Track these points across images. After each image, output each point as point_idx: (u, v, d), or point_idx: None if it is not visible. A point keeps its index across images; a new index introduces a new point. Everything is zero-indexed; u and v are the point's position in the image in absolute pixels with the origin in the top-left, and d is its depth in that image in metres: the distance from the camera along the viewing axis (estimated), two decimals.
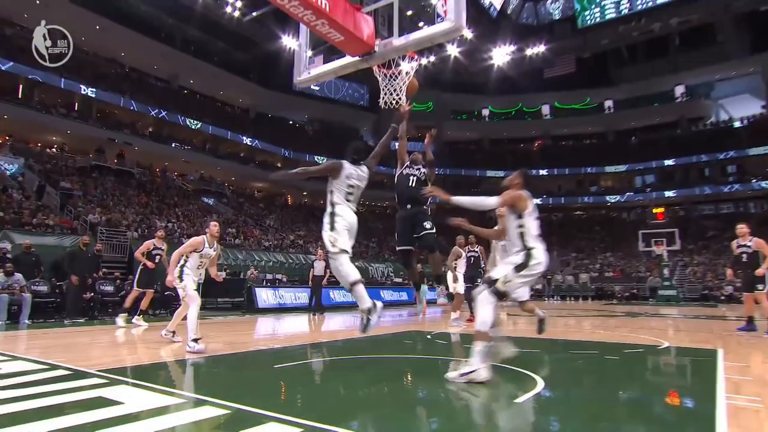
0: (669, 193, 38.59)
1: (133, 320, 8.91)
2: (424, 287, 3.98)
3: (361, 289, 4.02)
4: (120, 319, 8.78)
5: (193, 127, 31.32)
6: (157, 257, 9.25)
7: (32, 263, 10.64)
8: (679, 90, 41.58)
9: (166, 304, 12.62)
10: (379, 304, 4.01)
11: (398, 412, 3.15)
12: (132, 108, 28.14)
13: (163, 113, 29.60)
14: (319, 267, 13.23)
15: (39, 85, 24.68)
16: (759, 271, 7.47)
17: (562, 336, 7.78)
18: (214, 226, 5.90)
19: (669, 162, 39.15)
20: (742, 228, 7.84)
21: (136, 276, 9.29)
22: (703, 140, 38.30)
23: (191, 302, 5.43)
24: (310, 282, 13.56)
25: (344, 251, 4.06)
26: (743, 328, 7.95)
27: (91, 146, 26.15)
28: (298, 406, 3.17)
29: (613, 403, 3.36)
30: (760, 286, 7.54)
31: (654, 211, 31.53)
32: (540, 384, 3.76)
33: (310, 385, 4.06)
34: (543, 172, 43.48)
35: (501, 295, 3.73)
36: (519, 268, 3.70)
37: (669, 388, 4.03)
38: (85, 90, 26.05)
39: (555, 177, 43.52)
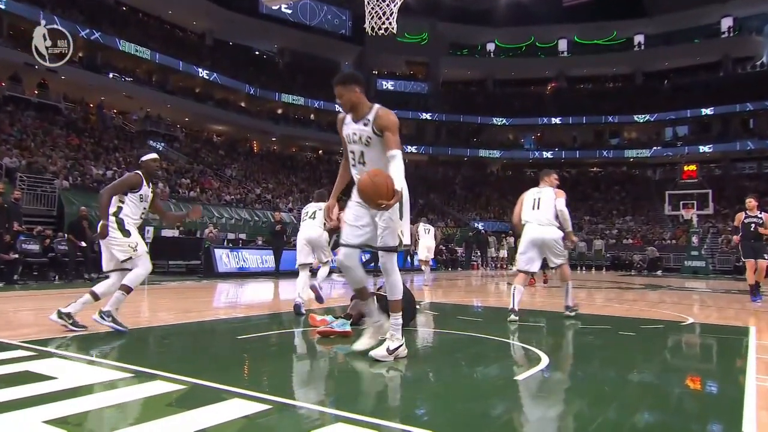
0: (704, 148, 39.00)
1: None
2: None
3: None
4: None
5: (135, 53, 30.27)
6: None
7: None
8: (726, 23, 41.00)
9: (59, 267, 12.25)
10: None
11: (376, 389, 3.22)
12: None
13: (96, 34, 28.33)
14: None
15: None
16: None
17: None
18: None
19: (707, 111, 39.28)
20: (750, 201, 9.46)
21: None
22: (749, 85, 38.31)
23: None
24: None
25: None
26: (757, 297, 9.12)
27: (4, 72, 25.08)
28: (265, 381, 3.21)
29: (625, 383, 3.46)
30: (766, 255, 9.16)
31: (685, 168, 31.87)
32: (544, 360, 3.86)
33: (277, 357, 4.11)
34: (556, 120, 43.45)
35: None
36: (401, 215, 3.75)
37: (691, 368, 4.18)
38: None
39: (570, 126, 43.60)
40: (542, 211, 6.19)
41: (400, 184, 3.53)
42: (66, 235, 12.08)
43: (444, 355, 4.29)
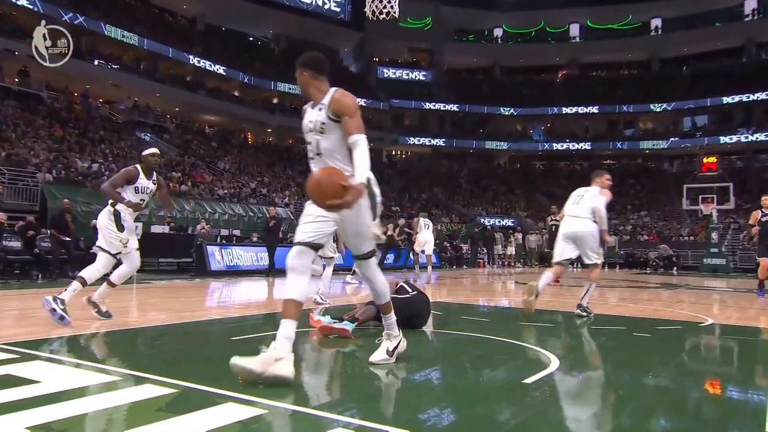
0: (725, 139, 38.88)
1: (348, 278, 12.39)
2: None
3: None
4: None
5: (121, 39, 30.21)
6: None
7: None
8: (750, 5, 40.75)
9: (43, 265, 12.20)
10: None
11: (377, 392, 3.22)
12: (36, 9, 26.87)
13: (80, 19, 28.23)
14: None
15: None
16: None
17: None
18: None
19: (728, 99, 39.15)
20: (766, 199, 10.00)
21: None
22: None
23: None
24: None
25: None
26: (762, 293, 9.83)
27: None
28: (261, 385, 3.22)
29: (640, 387, 3.46)
30: None
31: (704, 160, 31.79)
32: (554, 363, 3.86)
33: None
34: (567, 110, 43.38)
35: None
36: (374, 214, 3.42)
37: (711, 371, 4.18)
38: None
39: (582, 116, 43.53)
40: (581, 206, 6.55)
41: (364, 174, 3.13)
42: (49, 230, 12.09)
43: (448, 357, 4.29)
